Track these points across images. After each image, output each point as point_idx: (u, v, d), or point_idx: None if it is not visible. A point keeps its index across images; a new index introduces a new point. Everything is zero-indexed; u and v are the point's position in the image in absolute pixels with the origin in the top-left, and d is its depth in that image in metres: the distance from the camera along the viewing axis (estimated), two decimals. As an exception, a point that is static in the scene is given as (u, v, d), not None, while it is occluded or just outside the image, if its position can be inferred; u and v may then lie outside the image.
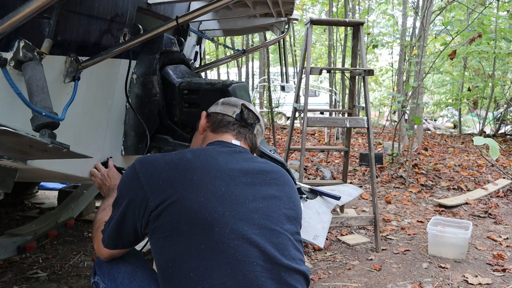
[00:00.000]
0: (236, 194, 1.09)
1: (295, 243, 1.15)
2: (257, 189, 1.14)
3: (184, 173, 1.09)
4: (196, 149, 1.20)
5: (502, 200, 4.41)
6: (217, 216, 1.04)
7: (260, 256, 1.05)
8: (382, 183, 5.03)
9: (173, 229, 1.04)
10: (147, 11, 1.74)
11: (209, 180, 1.08)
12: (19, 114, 1.15)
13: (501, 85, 9.19)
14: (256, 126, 1.37)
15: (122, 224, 1.14)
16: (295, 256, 1.12)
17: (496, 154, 2.52)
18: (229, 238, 1.03)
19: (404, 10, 8.11)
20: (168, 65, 1.92)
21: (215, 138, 1.31)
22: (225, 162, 1.15)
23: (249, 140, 1.33)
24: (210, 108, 1.40)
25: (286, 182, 1.25)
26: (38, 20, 1.15)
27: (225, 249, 1.02)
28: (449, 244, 2.87)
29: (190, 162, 1.11)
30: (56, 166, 1.42)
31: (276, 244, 1.09)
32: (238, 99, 1.42)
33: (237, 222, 1.05)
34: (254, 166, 1.20)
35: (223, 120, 1.33)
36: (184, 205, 1.04)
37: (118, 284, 1.23)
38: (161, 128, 1.87)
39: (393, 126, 10.00)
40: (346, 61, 7.73)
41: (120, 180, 1.20)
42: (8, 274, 2.44)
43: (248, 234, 1.05)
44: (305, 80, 3.23)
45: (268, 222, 1.10)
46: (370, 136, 3.14)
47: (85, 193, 3.06)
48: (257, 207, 1.11)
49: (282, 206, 1.17)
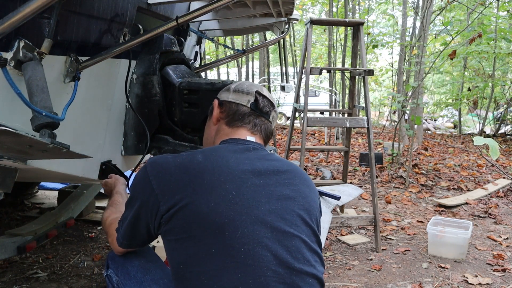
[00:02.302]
0: (248, 197, 1.07)
1: (310, 244, 1.12)
2: (270, 191, 1.12)
3: (195, 176, 1.07)
4: (207, 150, 1.17)
5: (502, 200, 4.41)
6: (227, 221, 1.03)
7: (272, 261, 1.03)
8: (382, 183, 5.03)
9: (184, 232, 1.04)
10: (147, 11, 1.74)
11: (219, 184, 1.06)
12: (19, 114, 1.15)
13: (501, 85, 9.19)
14: (271, 113, 1.32)
15: (135, 225, 1.15)
16: (309, 258, 1.10)
17: (496, 154, 2.51)
18: (240, 243, 1.02)
19: (404, 10, 8.11)
20: (168, 65, 1.92)
21: (230, 133, 1.27)
22: (237, 163, 1.12)
23: (265, 131, 1.29)
24: (222, 94, 1.34)
25: (302, 181, 1.21)
26: (38, 20, 1.15)
27: (235, 254, 1.01)
28: (449, 244, 2.87)
29: (201, 165, 1.09)
30: (56, 166, 1.42)
31: (289, 247, 1.07)
32: (251, 84, 1.35)
33: (248, 226, 1.04)
34: (268, 165, 1.16)
35: (238, 111, 1.28)
36: (194, 210, 1.03)
37: (131, 278, 1.24)
38: (161, 128, 1.87)
39: (393, 126, 10.00)
40: (346, 61, 7.74)
41: (133, 181, 1.19)
42: (8, 274, 2.44)
43: (259, 238, 1.04)
44: (305, 80, 3.23)
45: (281, 225, 1.08)
46: (370, 136, 3.14)
47: (85, 193, 3.06)
48: (270, 209, 1.08)
49: (297, 207, 1.13)
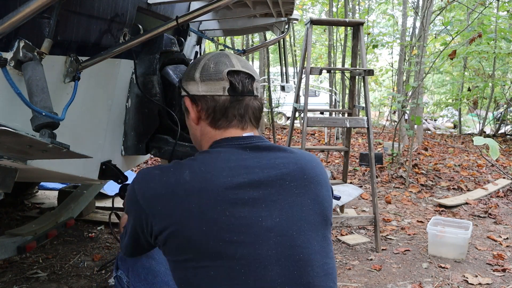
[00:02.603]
0: (245, 214, 0.97)
1: (322, 250, 1.03)
2: (272, 201, 1.00)
3: (182, 200, 0.97)
4: (196, 164, 1.03)
5: (502, 200, 4.41)
6: (222, 244, 0.95)
7: (276, 279, 0.96)
8: (382, 183, 5.03)
9: (180, 255, 0.99)
10: (147, 11, 1.73)
11: (210, 208, 0.96)
12: (19, 114, 1.15)
13: (501, 85, 9.19)
14: (254, 86, 1.13)
15: (135, 238, 1.11)
16: (318, 269, 1.01)
17: (496, 154, 2.52)
18: (240, 264, 0.95)
19: (404, 10, 8.11)
20: (168, 65, 1.92)
21: (219, 135, 1.11)
22: (231, 176, 0.99)
23: (253, 113, 1.12)
24: (188, 86, 1.13)
25: (310, 179, 1.07)
26: (38, 20, 1.15)
27: (236, 276, 0.95)
28: (449, 244, 2.87)
29: (187, 185, 0.98)
30: (56, 166, 1.42)
31: (296, 262, 0.98)
32: (217, 63, 1.12)
33: (248, 246, 0.95)
34: (269, 172, 1.03)
35: (217, 106, 1.09)
36: (185, 235, 0.96)
37: (142, 280, 1.24)
38: (161, 128, 1.87)
39: (393, 126, 10.00)
40: (346, 61, 7.73)
41: (126, 194, 1.13)
42: (8, 274, 2.44)
43: (260, 257, 0.96)
44: (305, 80, 3.23)
45: (286, 239, 0.99)
46: (370, 136, 3.14)
47: (85, 193, 3.05)
48: (272, 223, 0.98)
49: (305, 214, 1.03)
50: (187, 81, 1.15)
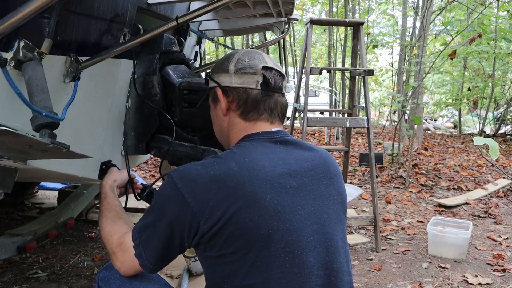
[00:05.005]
0: (289, 203, 1.02)
1: (344, 240, 1.12)
2: (307, 191, 1.07)
3: (234, 190, 0.99)
4: (238, 155, 1.05)
5: (502, 200, 4.41)
6: (271, 232, 0.99)
7: (315, 265, 1.02)
8: (382, 183, 5.03)
9: (228, 248, 0.99)
10: (147, 11, 1.73)
11: (261, 195, 1.00)
12: (19, 114, 1.15)
13: (501, 85, 9.20)
14: (283, 85, 1.19)
15: (169, 246, 1.06)
16: (342, 257, 1.09)
17: (496, 154, 2.52)
18: (285, 252, 1.00)
19: (404, 10, 8.12)
20: (168, 65, 1.91)
21: (249, 128, 1.14)
22: (273, 167, 1.04)
23: (281, 110, 1.17)
24: (220, 78, 1.17)
25: (333, 171, 1.15)
26: (38, 20, 1.15)
27: (281, 264, 0.99)
28: (449, 244, 2.87)
29: (238, 175, 1.00)
30: (56, 166, 1.42)
31: (328, 248, 1.06)
32: (252, 58, 1.17)
33: (292, 234, 1.01)
34: (301, 164, 1.09)
35: (249, 98, 1.13)
36: (238, 225, 0.98)
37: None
38: (161, 128, 1.87)
39: (393, 126, 10.00)
40: (346, 61, 7.74)
41: (156, 199, 1.07)
42: (8, 274, 2.44)
43: (302, 244, 1.02)
44: (305, 80, 3.23)
45: (320, 226, 1.06)
46: (370, 136, 3.14)
47: (85, 193, 3.05)
48: (309, 211, 1.05)
49: (332, 203, 1.11)
50: (219, 73, 1.18)
